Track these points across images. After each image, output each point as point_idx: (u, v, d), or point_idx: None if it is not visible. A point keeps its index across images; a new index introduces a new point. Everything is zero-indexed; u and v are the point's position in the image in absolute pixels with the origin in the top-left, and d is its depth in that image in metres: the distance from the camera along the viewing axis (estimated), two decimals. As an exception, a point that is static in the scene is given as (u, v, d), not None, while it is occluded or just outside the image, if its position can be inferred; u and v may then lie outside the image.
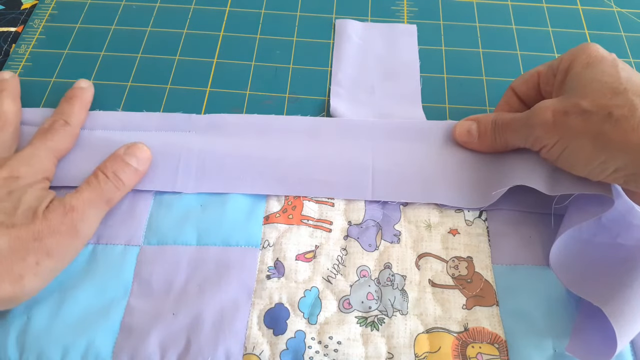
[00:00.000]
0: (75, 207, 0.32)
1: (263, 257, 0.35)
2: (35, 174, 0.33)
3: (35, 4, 0.50)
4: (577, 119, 0.30)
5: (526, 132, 0.33)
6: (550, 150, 0.32)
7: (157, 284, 0.33)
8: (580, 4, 0.50)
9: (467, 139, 0.38)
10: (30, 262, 0.30)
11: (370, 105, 0.42)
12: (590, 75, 0.31)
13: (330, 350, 0.32)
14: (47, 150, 0.35)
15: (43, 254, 0.30)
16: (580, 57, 0.33)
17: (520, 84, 0.38)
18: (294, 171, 0.37)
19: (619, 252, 0.32)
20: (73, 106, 0.38)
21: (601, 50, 0.33)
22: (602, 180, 0.31)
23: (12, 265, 0.29)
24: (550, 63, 0.36)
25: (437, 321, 0.33)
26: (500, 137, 0.36)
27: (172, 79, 0.44)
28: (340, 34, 0.47)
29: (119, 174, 0.34)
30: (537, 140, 0.33)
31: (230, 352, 0.31)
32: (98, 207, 0.33)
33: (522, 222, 0.36)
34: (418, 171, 0.37)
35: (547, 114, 0.32)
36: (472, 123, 0.38)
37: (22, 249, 0.29)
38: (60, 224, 0.31)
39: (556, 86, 0.34)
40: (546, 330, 0.32)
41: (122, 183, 0.34)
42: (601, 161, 0.30)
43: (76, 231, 0.31)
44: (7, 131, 0.37)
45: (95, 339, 0.31)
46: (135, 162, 0.35)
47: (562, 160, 0.32)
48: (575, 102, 0.31)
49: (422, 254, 0.35)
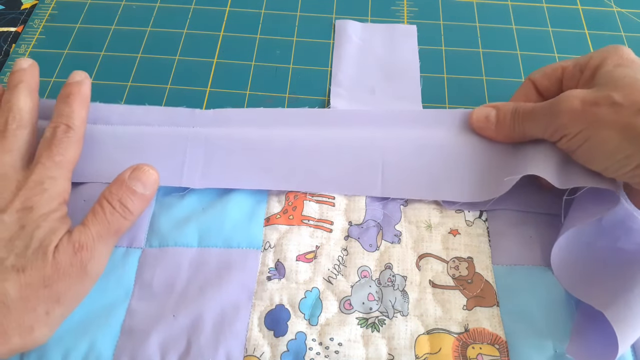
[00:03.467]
0: (85, 245, 0.30)
1: (264, 258, 0.35)
2: (50, 200, 0.31)
3: (35, 4, 0.50)
4: (607, 110, 0.30)
5: (548, 120, 0.33)
6: (571, 140, 0.32)
7: (159, 286, 0.33)
8: (580, 4, 0.50)
9: (484, 125, 0.37)
10: (41, 312, 0.28)
11: (370, 106, 0.42)
12: (623, 74, 0.31)
13: (331, 351, 0.32)
14: (57, 167, 0.32)
15: (53, 301, 0.29)
16: (612, 57, 0.33)
17: (541, 76, 0.37)
18: (301, 166, 0.37)
19: (620, 256, 0.32)
20: (71, 105, 0.35)
21: (633, 54, 0.33)
22: (618, 176, 0.31)
23: (22, 317, 0.28)
24: (577, 59, 0.35)
25: (437, 322, 0.33)
26: (518, 126, 0.35)
27: (172, 79, 0.44)
28: (340, 34, 0.47)
29: (125, 202, 0.32)
30: (558, 128, 0.32)
31: (231, 353, 0.31)
32: (107, 240, 0.31)
33: (523, 222, 0.36)
34: (429, 164, 0.37)
35: (576, 102, 0.31)
36: (491, 110, 0.37)
37: (32, 298, 0.28)
38: (69, 265, 0.29)
39: (582, 82, 0.34)
40: (547, 331, 0.32)
41: (129, 212, 0.32)
42: (625, 155, 0.30)
43: (86, 272, 0.30)
44: (22, 134, 0.34)
45: (97, 341, 0.31)
46: (141, 188, 0.32)
47: (581, 151, 0.32)
48: (606, 94, 0.30)
49: (423, 255, 0.35)
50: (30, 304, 0.28)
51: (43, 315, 0.29)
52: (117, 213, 0.31)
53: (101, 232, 0.31)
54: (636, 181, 0.31)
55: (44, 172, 0.32)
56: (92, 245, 0.30)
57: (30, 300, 0.28)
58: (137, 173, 0.33)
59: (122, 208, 0.32)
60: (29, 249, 0.29)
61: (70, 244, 0.30)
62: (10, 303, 0.28)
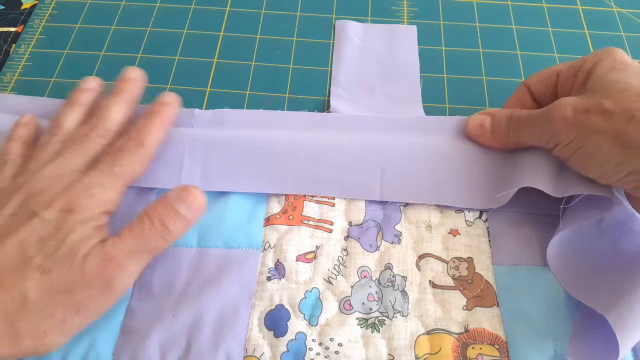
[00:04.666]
0: (115, 259, 0.29)
1: (264, 258, 0.35)
2: (92, 207, 0.30)
3: (35, 4, 0.50)
4: (598, 118, 0.30)
5: (543, 127, 0.33)
6: (565, 147, 0.32)
7: (158, 286, 0.33)
8: (580, 4, 0.50)
9: (479, 133, 0.37)
10: (58, 318, 0.28)
11: (370, 106, 0.42)
12: (615, 78, 0.31)
13: (331, 352, 0.32)
14: (113, 178, 0.32)
15: (72, 310, 0.28)
16: (604, 61, 0.33)
17: (535, 82, 0.37)
18: (301, 169, 0.37)
19: (620, 258, 0.32)
20: (151, 123, 0.35)
21: (626, 57, 0.33)
22: (613, 183, 0.31)
23: (38, 321, 0.27)
24: (572, 63, 0.35)
25: (437, 322, 0.33)
26: (513, 133, 0.35)
27: (172, 79, 0.44)
28: (340, 35, 0.47)
29: (167, 222, 0.30)
30: (553, 136, 0.32)
31: (231, 354, 0.31)
32: (140, 258, 0.30)
33: (523, 222, 0.36)
34: (427, 170, 0.37)
35: (567, 109, 0.31)
36: (486, 117, 0.37)
37: (51, 302, 0.28)
38: (95, 276, 0.28)
39: (576, 86, 0.34)
40: (547, 331, 0.32)
41: (169, 232, 0.30)
42: (617, 162, 0.30)
43: (111, 287, 0.29)
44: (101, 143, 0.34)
45: (96, 341, 0.31)
46: (185, 210, 0.31)
47: (575, 158, 0.32)
48: (597, 101, 0.30)
49: (423, 255, 0.35)
50: (49, 308, 0.28)
51: (59, 322, 0.28)
52: (156, 232, 0.30)
53: (135, 249, 0.30)
54: (630, 187, 0.31)
55: (97, 178, 0.31)
56: (122, 260, 0.29)
57: (49, 305, 0.28)
58: (184, 194, 0.31)
59: (163, 228, 0.30)
60: (59, 251, 0.28)
61: (101, 255, 0.29)
62: (29, 304, 0.27)
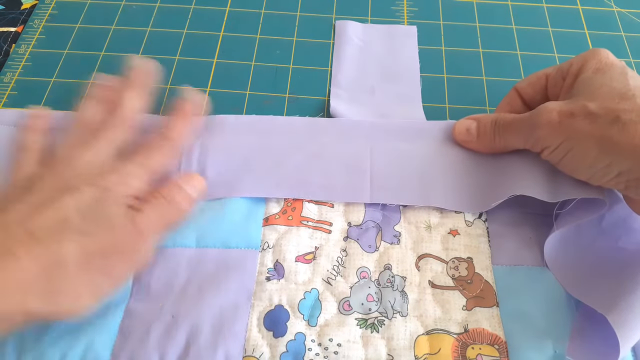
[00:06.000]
0: (143, 230, 0.31)
1: (263, 259, 0.35)
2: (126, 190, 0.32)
3: (35, 4, 0.50)
4: (584, 121, 0.30)
5: (528, 132, 0.33)
6: (553, 152, 0.32)
7: (157, 286, 0.33)
8: (580, 4, 0.50)
9: (465, 138, 0.37)
10: (94, 281, 0.29)
11: (370, 106, 0.42)
12: (600, 81, 0.31)
13: (330, 352, 0.31)
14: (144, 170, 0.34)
15: (106, 274, 0.30)
16: (590, 62, 0.33)
17: (526, 86, 0.37)
18: (293, 174, 0.37)
19: (621, 256, 0.32)
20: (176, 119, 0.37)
21: (611, 57, 0.33)
22: (603, 184, 0.31)
23: (76, 282, 0.29)
24: (560, 66, 0.35)
25: (437, 322, 0.33)
26: (500, 138, 0.35)
27: (172, 79, 0.44)
28: (340, 35, 0.47)
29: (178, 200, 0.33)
30: (539, 141, 0.32)
31: (230, 354, 0.31)
32: (158, 231, 0.33)
33: (522, 222, 0.36)
34: (416, 173, 0.37)
35: (553, 114, 0.31)
36: (472, 122, 0.37)
37: (88, 265, 0.29)
38: (126, 244, 0.30)
39: (564, 89, 0.34)
40: (546, 331, 0.32)
41: (181, 210, 0.33)
42: (605, 164, 0.30)
43: (136, 254, 0.31)
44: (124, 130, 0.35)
45: (94, 342, 0.31)
46: (193, 191, 0.34)
47: (564, 162, 0.32)
48: (582, 105, 0.30)
49: (422, 255, 0.35)
50: (86, 271, 0.29)
51: (94, 286, 0.29)
52: (171, 208, 0.33)
53: (157, 222, 0.32)
54: (621, 187, 0.31)
55: (131, 168, 0.33)
56: (147, 231, 0.31)
57: (86, 266, 0.29)
58: (189, 178, 0.35)
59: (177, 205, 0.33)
60: (97, 219, 0.30)
61: (132, 225, 0.31)
62: (67, 264, 0.28)
